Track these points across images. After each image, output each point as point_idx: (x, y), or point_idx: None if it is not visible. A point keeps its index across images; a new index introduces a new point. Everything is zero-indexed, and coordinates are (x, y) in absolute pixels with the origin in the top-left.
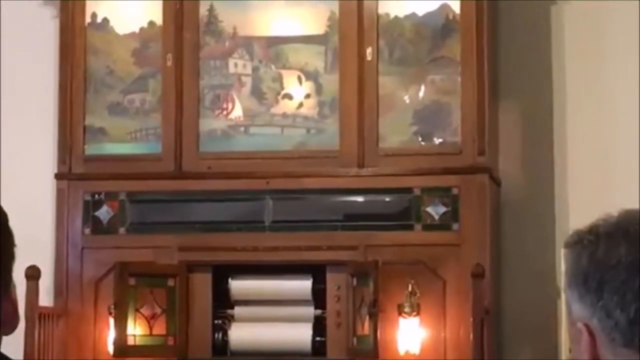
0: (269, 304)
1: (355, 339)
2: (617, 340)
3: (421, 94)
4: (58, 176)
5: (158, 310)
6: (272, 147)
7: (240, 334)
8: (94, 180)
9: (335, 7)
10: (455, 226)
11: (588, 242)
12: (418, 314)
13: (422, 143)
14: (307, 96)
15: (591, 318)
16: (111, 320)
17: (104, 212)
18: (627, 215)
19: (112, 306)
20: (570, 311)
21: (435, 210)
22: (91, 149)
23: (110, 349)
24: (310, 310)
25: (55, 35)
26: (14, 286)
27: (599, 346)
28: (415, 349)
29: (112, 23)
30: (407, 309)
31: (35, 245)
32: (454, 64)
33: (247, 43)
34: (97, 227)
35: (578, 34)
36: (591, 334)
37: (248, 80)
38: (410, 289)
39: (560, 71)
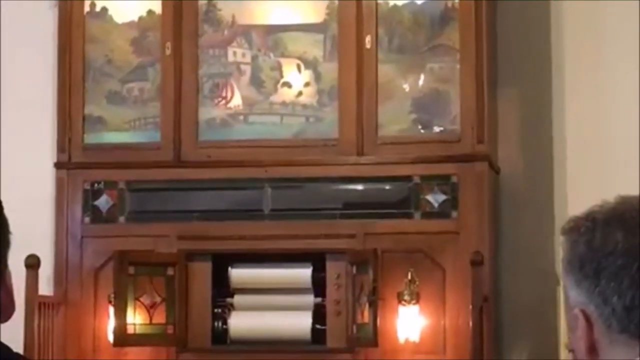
0: (268, 292)
1: (355, 327)
2: (613, 327)
3: (420, 82)
4: (57, 165)
5: (158, 299)
6: (271, 135)
7: (240, 323)
8: (93, 169)
9: None
10: (454, 214)
11: (585, 228)
12: (417, 302)
13: (422, 131)
14: (306, 84)
15: (588, 304)
16: (111, 309)
17: (104, 201)
18: (623, 201)
19: (112, 295)
20: (567, 297)
21: (435, 198)
22: (90, 138)
23: (110, 337)
24: (309, 299)
25: (54, 24)
26: (9, 273)
27: (596, 332)
28: (414, 337)
29: (110, 12)
30: (406, 297)
31: (35, 234)
32: (452, 52)
33: (246, 31)
34: (97, 216)
35: (577, 21)
36: (588, 320)
37: (247, 69)
38: (409, 277)
39: (559, 58)
